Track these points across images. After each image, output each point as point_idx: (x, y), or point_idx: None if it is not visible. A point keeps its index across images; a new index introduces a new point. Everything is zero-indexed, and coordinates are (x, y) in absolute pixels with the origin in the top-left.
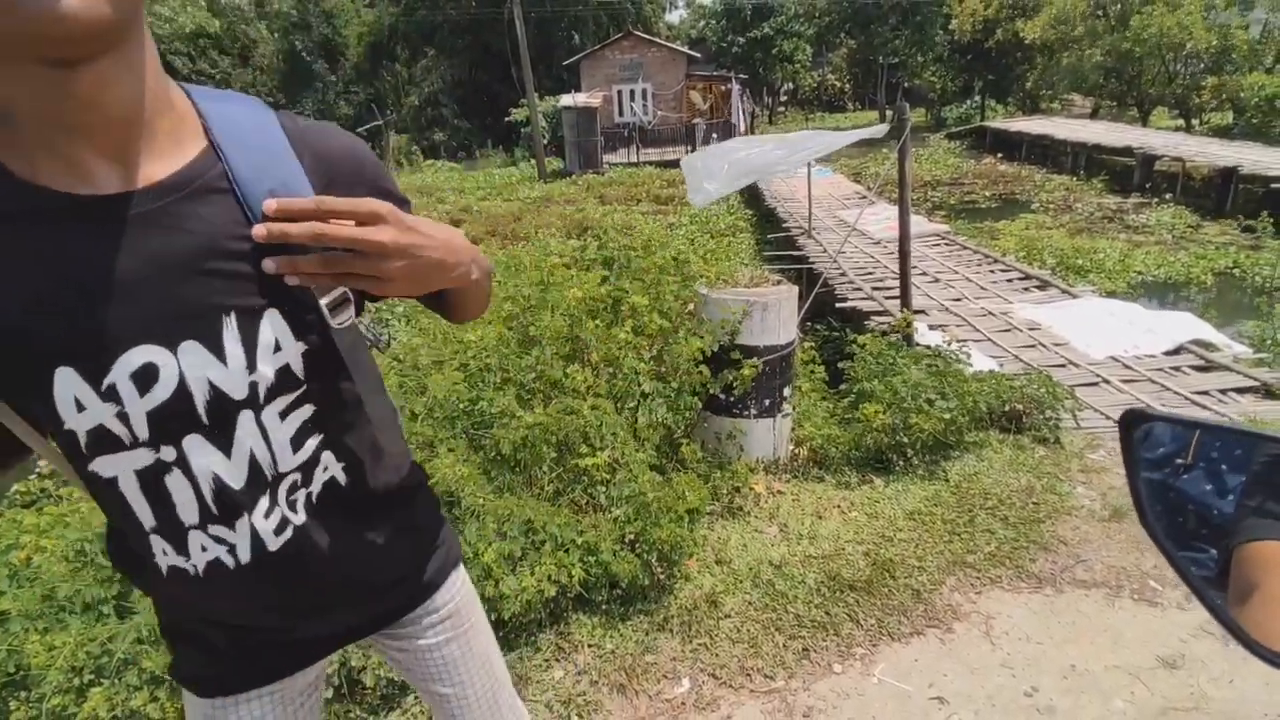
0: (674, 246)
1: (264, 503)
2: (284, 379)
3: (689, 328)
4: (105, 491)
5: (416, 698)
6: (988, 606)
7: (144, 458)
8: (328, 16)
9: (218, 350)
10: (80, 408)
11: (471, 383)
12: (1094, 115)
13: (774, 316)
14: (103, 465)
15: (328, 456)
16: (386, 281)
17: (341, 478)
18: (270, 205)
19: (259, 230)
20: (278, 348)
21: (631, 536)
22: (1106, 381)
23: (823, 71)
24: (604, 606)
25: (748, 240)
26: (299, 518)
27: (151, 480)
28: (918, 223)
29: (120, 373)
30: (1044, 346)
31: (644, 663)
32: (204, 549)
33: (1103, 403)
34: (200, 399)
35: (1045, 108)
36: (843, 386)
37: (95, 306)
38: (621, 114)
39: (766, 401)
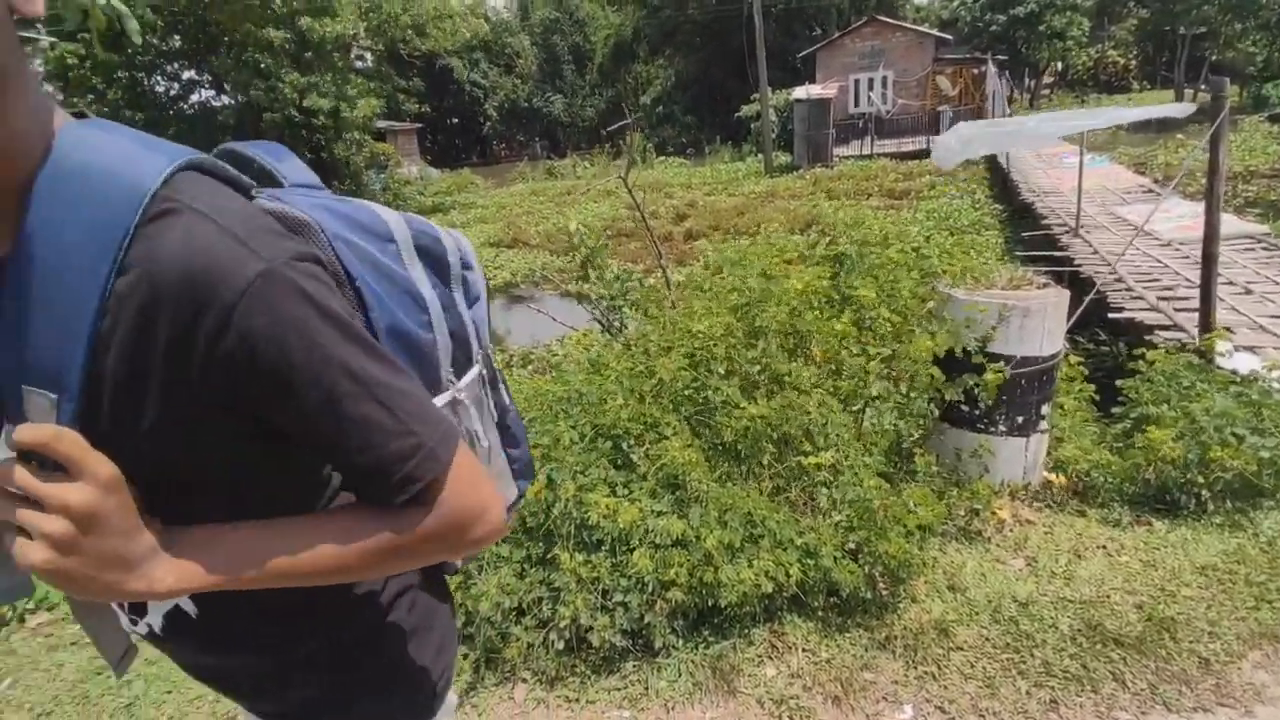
0: (909, 241)
1: None
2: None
3: (927, 329)
4: None
5: (636, 664)
6: None
7: None
8: (580, 24)
9: None
10: None
11: (697, 370)
12: None
13: (1036, 323)
14: None
15: None
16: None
17: (191, 609)
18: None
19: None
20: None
21: (854, 545)
22: None
23: (1101, 47)
24: (820, 613)
25: (995, 238)
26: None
27: None
28: (1226, 222)
29: None
30: None
31: (862, 679)
32: None
33: None
34: None
35: None
36: (1115, 410)
37: None
38: (857, 104)
39: (1020, 419)
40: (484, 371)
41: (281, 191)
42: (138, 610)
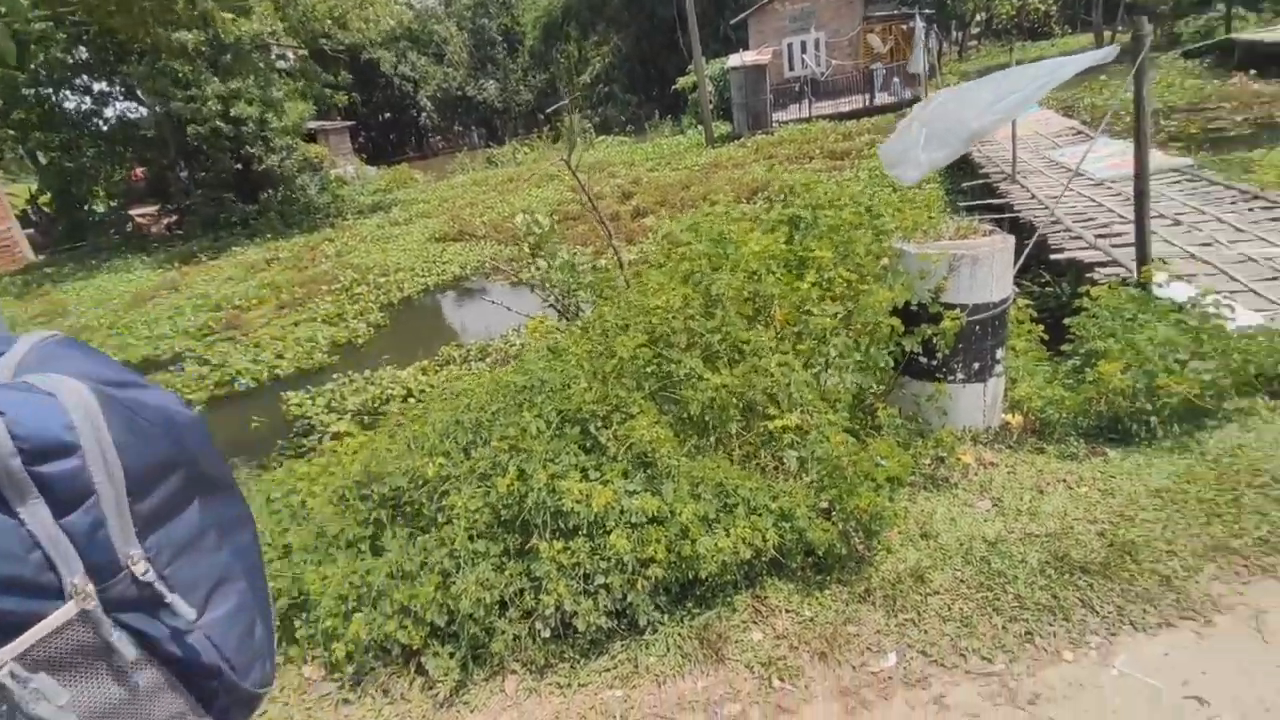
0: (859, 200)
1: None
2: None
3: (884, 284)
4: None
5: (624, 644)
6: (1259, 599)
7: None
8: (507, 6)
9: None
10: None
11: (657, 346)
12: None
13: (986, 271)
14: None
15: None
16: None
17: None
18: None
19: None
20: None
21: (826, 504)
22: None
23: None
24: (799, 574)
25: (936, 191)
26: None
27: None
28: (1152, 157)
29: None
30: None
31: (845, 633)
32: None
33: None
34: None
35: None
36: (1064, 347)
37: None
38: (792, 68)
39: (976, 365)
40: (97, 604)
41: None
42: None
